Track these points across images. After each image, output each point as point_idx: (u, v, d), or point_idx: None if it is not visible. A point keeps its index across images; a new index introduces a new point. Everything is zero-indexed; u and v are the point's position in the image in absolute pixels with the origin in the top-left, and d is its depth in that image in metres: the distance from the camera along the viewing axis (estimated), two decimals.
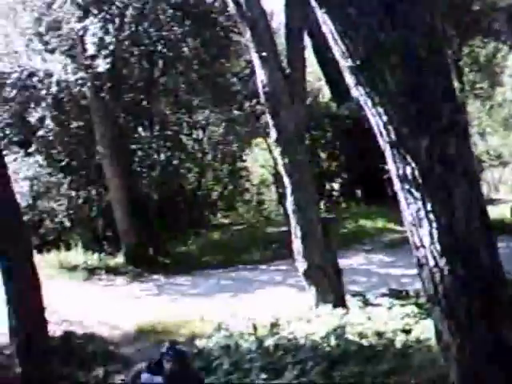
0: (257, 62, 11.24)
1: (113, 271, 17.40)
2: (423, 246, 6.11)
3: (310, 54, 24.38)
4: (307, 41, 22.54)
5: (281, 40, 14.75)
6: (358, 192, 26.79)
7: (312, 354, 8.54)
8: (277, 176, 23.99)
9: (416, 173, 6.02)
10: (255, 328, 9.95)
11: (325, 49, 11.59)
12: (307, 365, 8.27)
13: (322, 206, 22.76)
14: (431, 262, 6.11)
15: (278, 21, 20.95)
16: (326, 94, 29.52)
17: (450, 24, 25.70)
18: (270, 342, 9.30)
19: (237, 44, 21.04)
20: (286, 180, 11.34)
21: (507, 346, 6.14)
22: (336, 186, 27.13)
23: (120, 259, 18.29)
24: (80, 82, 17.52)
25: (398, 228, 18.93)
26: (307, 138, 17.18)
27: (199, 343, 9.95)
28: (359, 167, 25.89)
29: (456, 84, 26.74)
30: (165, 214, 20.88)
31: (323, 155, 27.00)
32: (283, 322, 10.30)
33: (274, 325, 10.13)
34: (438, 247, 6.03)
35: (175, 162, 20.54)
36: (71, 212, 19.41)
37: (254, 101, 20.53)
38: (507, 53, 30.07)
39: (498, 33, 26.82)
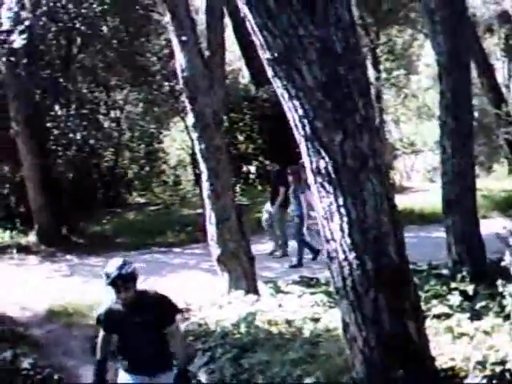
0: (176, 46, 11.20)
1: (25, 250, 17.18)
2: (334, 240, 6.27)
3: (230, 34, 24.40)
4: (227, 20, 22.57)
5: (201, 20, 14.68)
6: None
7: (222, 341, 8.62)
8: (194, 157, 24.00)
9: (329, 167, 6.15)
10: None
11: (245, 30, 11.63)
12: (217, 352, 8.35)
13: (238, 189, 22.89)
14: (341, 256, 6.27)
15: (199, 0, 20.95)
16: (245, 74, 29.58)
17: (368, 12, 26.07)
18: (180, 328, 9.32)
19: (157, 23, 20.92)
20: (202, 165, 11.38)
21: (411, 338, 6.36)
22: (252, 168, 27.25)
23: (33, 238, 18.06)
24: None
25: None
26: (225, 121, 17.23)
27: None
28: (276, 151, 26.06)
29: (372, 72, 27.16)
30: (80, 193, 20.68)
31: (241, 138, 27.08)
32: (195, 308, 10.36)
33: (186, 310, 10.18)
34: (348, 241, 6.20)
35: (91, 141, 20.30)
36: None
37: (174, 81, 20.47)
38: (423, 41, 30.63)
39: (415, 22, 27.32)
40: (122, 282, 6.41)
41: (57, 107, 19.26)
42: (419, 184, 27.67)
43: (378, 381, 6.38)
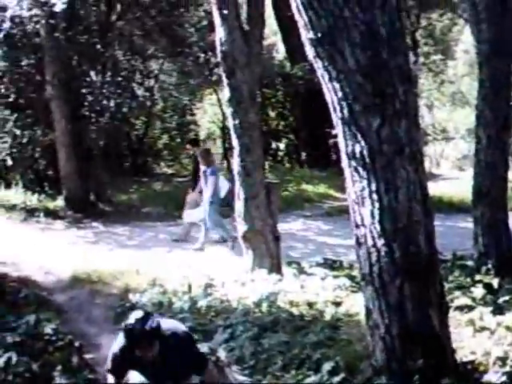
0: (217, 19, 11.14)
1: (52, 214, 17.27)
2: (364, 225, 6.24)
3: (267, 8, 24.27)
4: None
5: None
6: (303, 154, 26.95)
7: (243, 319, 8.63)
8: (224, 130, 24.02)
9: (365, 152, 6.11)
10: (190, 287, 10.01)
11: (284, 5, 11.46)
12: (237, 329, 8.36)
13: (267, 166, 22.87)
14: (369, 242, 6.24)
15: None
16: (280, 49, 29.45)
17: None
18: (202, 303, 9.37)
19: None
20: (235, 141, 11.35)
21: (433, 329, 6.33)
22: (282, 146, 27.24)
23: (60, 202, 18.16)
24: (34, 19, 17.19)
25: (339, 195, 19.19)
26: (258, 96, 17.18)
27: (133, 297, 9.97)
28: (307, 130, 26.04)
29: (410, 55, 26.88)
30: (109, 161, 20.77)
31: (272, 114, 27.06)
32: (218, 283, 10.38)
33: (209, 285, 10.20)
34: (378, 227, 6.17)
35: (125, 109, 20.34)
36: (14, 150, 19.13)
37: (210, 53, 20.46)
38: (463, 27, 30.31)
39: (455, 6, 27.01)
40: (145, 339, 5.54)
41: (92, 73, 19.27)
42: (448, 172, 27.51)
43: (397, 369, 6.38)
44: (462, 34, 33.07)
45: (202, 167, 14.31)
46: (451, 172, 27.44)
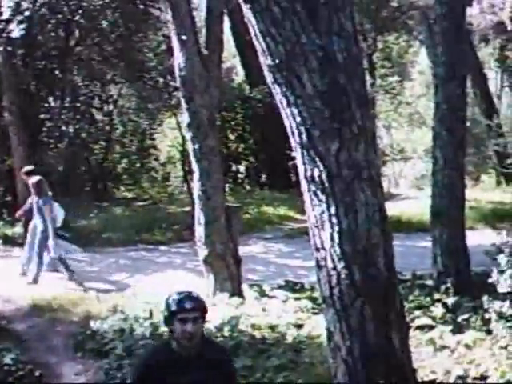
0: (176, 45, 11.21)
1: (10, 241, 17.11)
2: (324, 249, 6.27)
3: (226, 31, 24.41)
4: (225, 18, 22.58)
5: (200, 17, 14.60)
6: (263, 176, 27.02)
7: None
8: (184, 154, 24.01)
9: (323, 176, 6.15)
10: (151, 313, 9.97)
11: (243, 30, 11.53)
12: None
13: (227, 189, 22.90)
14: (330, 265, 6.27)
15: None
16: (239, 72, 29.58)
17: (367, 18, 26.16)
18: (164, 329, 9.31)
19: (156, 18, 20.94)
20: (195, 165, 11.39)
21: (394, 350, 6.37)
22: (242, 168, 27.27)
23: (19, 229, 17.97)
24: None
25: (299, 217, 19.24)
26: (218, 119, 17.23)
27: (93, 325, 9.90)
28: (266, 152, 26.14)
29: (368, 78, 27.13)
30: (68, 186, 20.63)
31: (232, 137, 27.12)
32: None
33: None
34: (338, 250, 6.20)
35: (84, 134, 20.29)
36: None
37: (169, 78, 20.49)
38: (419, 48, 30.73)
39: (411, 29, 27.42)
40: (192, 308, 4.78)
41: (51, 99, 19.21)
42: (407, 191, 27.73)
43: None
44: (417, 56, 33.56)
45: (35, 198, 13.78)
46: (410, 191, 27.64)
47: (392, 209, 19.37)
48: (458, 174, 11.43)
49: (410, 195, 24.63)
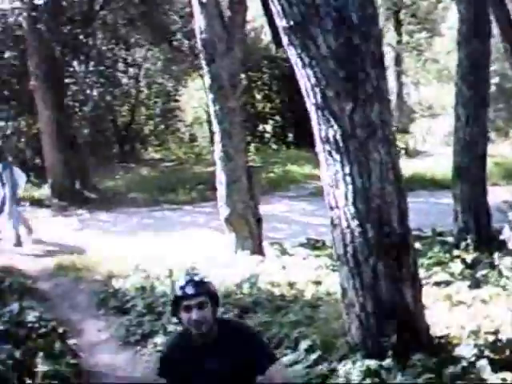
0: (196, 7, 11.18)
1: (37, 203, 17.34)
2: (338, 207, 6.34)
3: None
4: None
5: None
6: (290, 135, 27.01)
7: (224, 301, 8.70)
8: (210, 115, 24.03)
9: (338, 135, 6.21)
10: (171, 271, 10.09)
11: None
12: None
13: (253, 148, 22.95)
14: (344, 223, 6.34)
15: None
16: (267, 31, 29.42)
17: None
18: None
19: None
20: (216, 127, 11.43)
21: (407, 306, 6.43)
22: (268, 128, 27.26)
23: (46, 191, 18.21)
24: (16, 11, 17.22)
25: None
26: (244, 79, 17.19)
27: (116, 283, 10.05)
28: (293, 111, 26.10)
29: (394, 35, 26.94)
30: (95, 148, 20.81)
31: (258, 97, 27.10)
32: (200, 266, 10.45)
33: (191, 269, 10.26)
34: (352, 209, 6.27)
35: (108, 98, 20.38)
36: None
37: (194, 39, 20.43)
38: (449, 3, 30.28)
39: None
40: (195, 293, 4.46)
41: (75, 63, 19.28)
42: (435, 148, 27.52)
43: (372, 346, 6.46)
44: (447, 11, 33.06)
45: None
46: (437, 148, 27.43)
47: (417, 166, 19.39)
48: (480, 131, 11.36)
49: (436, 152, 24.50)
